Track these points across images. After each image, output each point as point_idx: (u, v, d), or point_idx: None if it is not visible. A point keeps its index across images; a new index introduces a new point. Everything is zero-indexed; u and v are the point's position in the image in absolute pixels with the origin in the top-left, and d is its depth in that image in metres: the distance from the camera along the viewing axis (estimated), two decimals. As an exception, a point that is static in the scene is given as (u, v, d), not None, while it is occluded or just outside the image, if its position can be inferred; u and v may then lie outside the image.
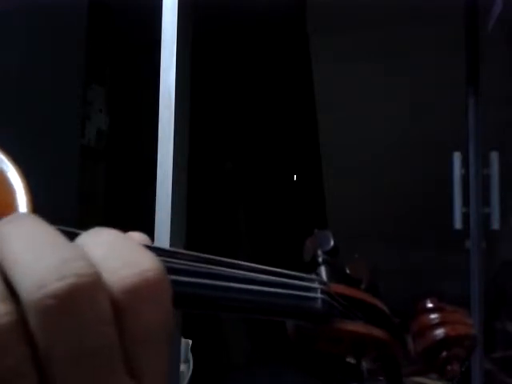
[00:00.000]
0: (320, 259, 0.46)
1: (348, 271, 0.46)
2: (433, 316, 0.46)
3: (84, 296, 0.22)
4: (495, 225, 1.60)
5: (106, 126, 2.63)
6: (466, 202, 1.61)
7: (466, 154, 1.63)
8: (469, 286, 1.58)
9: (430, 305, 0.46)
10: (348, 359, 0.44)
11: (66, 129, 1.94)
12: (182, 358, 1.94)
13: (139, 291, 0.23)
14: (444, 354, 0.45)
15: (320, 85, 2.60)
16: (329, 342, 0.42)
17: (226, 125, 3.22)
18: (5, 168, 0.35)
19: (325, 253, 0.46)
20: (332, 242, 0.47)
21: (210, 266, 0.34)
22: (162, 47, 1.23)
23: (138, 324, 0.23)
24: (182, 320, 1.22)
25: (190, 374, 2.03)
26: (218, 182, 3.27)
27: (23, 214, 0.27)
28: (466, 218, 1.61)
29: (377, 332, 0.43)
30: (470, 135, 1.62)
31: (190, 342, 2.02)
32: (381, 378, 0.45)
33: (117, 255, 0.24)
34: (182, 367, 1.96)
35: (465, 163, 1.63)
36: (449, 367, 0.45)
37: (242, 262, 0.36)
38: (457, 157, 1.63)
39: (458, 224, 1.61)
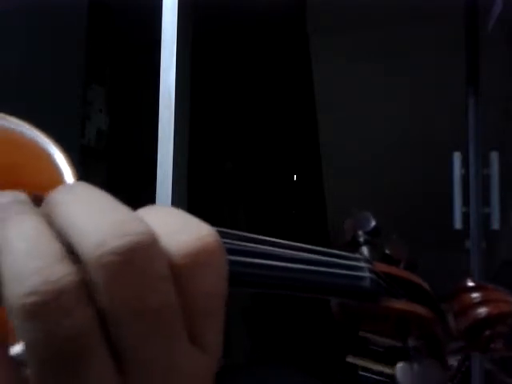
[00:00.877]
0: (361, 239, 0.47)
1: (388, 251, 0.46)
2: (475, 295, 0.46)
3: (144, 253, 0.22)
4: (495, 225, 1.60)
5: (105, 126, 2.63)
6: (466, 201, 1.61)
7: (466, 154, 1.63)
8: (469, 285, 1.58)
9: (470, 283, 0.46)
10: (389, 339, 0.44)
11: (66, 129, 1.94)
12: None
13: (198, 256, 0.23)
14: (487, 332, 0.45)
15: (320, 85, 2.60)
16: (374, 320, 0.42)
17: (226, 125, 3.22)
18: (51, 151, 0.35)
19: (366, 233, 0.47)
20: (373, 223, 0.47)
21: (256, 246, 0.34)
22: (162, 47, 1.23)
23: (198, 289, 0.24)
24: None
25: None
26: (218, 181, 3.27)
27: (77, 182, 0.27)
28: (466, 218, 1.61)
29: (421, 310, 0.43)
30: (470, 135, 1.62)
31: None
32: (425, 357, 0.45)
33: (173, 221, 0.24)
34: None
35: (465, 163, 1.63)
36: (492, 345, 0.45)
37: (291, 242, 0.37)
38: (457, 157, 1.63)
39: (457, 224, 1.61)
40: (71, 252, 0.22)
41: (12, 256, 0.22)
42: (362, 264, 0.40)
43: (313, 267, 0.37)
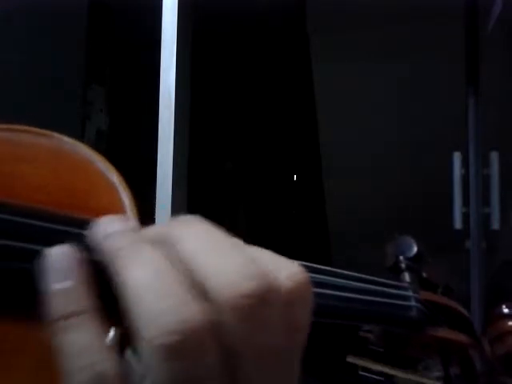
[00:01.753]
0: (403, 265, 0.47)
1: (425, 276, 0.46)
2: (511, 323, 0.46)
3: (270, 295, 0.23)
4: (495, 225, 1.60)
5: (105, 126, 2.63)
6: (466, 201, 1.61)
7: (466, 154, 1.63)
8: (469, 285, 1.58)
9: (506, 310, 0.46)
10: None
11: (65, 129, 1.94)
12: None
13: (297, 292, 0.25)
14: None
15: (320, 85, 2.60)
16: (418, 348, 0.43)
17: (226, 125, 3.22)
18: (108, 172, 0.37)
19: (408, 259, 0.46)
20: (415, 248, 0.47)
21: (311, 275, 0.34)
22: (162, 47, 1.23)
23: (296, 323, 0.25)
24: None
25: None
26: (218, 181, 3.27)
27: (191, 216, 0.27)
28: (466, 218, 1.61)
29: (461, 337, 0.44)
30: (470, 135, 1.62)
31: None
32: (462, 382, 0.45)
33: (272, 259, 0.26)
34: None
35: (465, 163, 1.63)
36: None
37: (341, 270, 0.37)
38: (457, 157, 1.63)
39: (457, 224, 1.61)
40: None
41: (139, 291, 0.22)
42: (410, 293, 0.41)
43: (368, 297, 0.37)
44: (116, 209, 0.34)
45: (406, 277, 0.46)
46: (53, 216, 0.28)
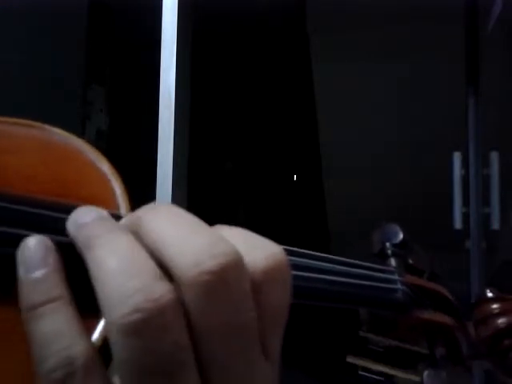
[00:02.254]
0: (389, 251, 0.48)
1: (411, 262, 0.47)
2: (495, 305, 0.47)
3: (234, 273, 0.23)
4: (495, 225, 1.60)
5: (105, 126, 2.63)
6: (466, 201, 1.61)
7: (466, 154, 1.63)
8: (469, 285, 1.58)
9: (490, 294, 0.47)
10: (417, 347, 0.46)
11: (66, 129, 1.94)
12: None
13: (273, 272, 0.25)
14: (507, 341, 0.46)
15: (320, 85, 2.60)
16: (404, 330, 0.44)
17: (226, 125, 3.22)
18: (99, 163, 0.37)
19: (394, 245, 0.48)
20: (401, 235, 0.48)
21: (294, 258, 0.34)
22: (162, 47, 1.23)
23: (272, 302, 0.25)
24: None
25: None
26: (218, 181, 3.27)
27: (161, 203, 0.28)
28: (466, 218, 1.61)
29: (446, 319, 0.45)
30: (470, 135, 1.62)
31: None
32: (452, 366, 0.46)
33: (247, 240, 0.26)
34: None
35: (465, 163, 1.63)
36: (511, 354, 0.46)
37: (326, 255, 0.38)
38: (457, 157, 1.63)
39: (457, 224, 1.61)
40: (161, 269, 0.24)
41: (108, 275, 0.23)
42: (396, 277, 0.42)
43: (354, 280, 0.39)
44: (107, 199, 0.35)
45: (392, 262, 0.47)
46: (42, 203, 0.29)
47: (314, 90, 2.62)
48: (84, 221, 0.26)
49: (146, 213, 0.26)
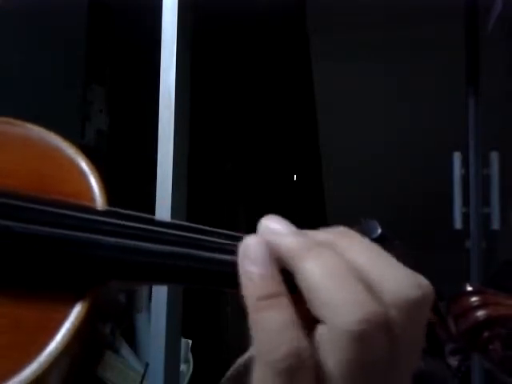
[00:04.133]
0: None
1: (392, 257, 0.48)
2: (474, 298, 0.47)
3: (427, 303, 0.29)
4: (495, 225, 1.60)
5: (106, 126, 2.63)
6: (466, 201, 1.61)
7: (466, 154, 1.63)
8: (469, 286, 1.58)
9: (469, 288, 0.48)
10: None
11: (65, 129, 1.94)
12: (182, 357, 1.94)
13: (429, 300, 0.30)
14: (486, 334, 0.46)
15: (320, 85, 2.60)
16: None
17: (226, 125, 3.22)
18: (77, 160, 0.38)
19: (372, 240, 0.48)
20: (380, 230, 0.49)
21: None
22: (162, 47, 1.23)
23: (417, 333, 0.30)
24: (182, 320, 1.22)
25: (189, 373, 2.03)
26: (218, 181, 3.27)
27: (345, 228, 0.32)
28: (466, 218, 1.61)
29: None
30: (470, 135, 1.62)
31: (190, 342, 2.02)
32: (427, 357, 0.47)
33: (411, 273, 0.30)
34: (182, 367, 1.95)
35: (465, 163, 1.63)
36: (491, 346, 0.46)
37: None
38: (457, 157, 1.63)
39: (458, 224, 1.61)
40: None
41: (330, 286, 0.27)
42: None
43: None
44: (84, 194, 0.36)
45: None
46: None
47: (314, 90, 2.62)
48: (283, 230, 0.29)
49: (339, 236, 0.30)
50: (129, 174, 2.80)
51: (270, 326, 0.26)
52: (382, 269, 0.28)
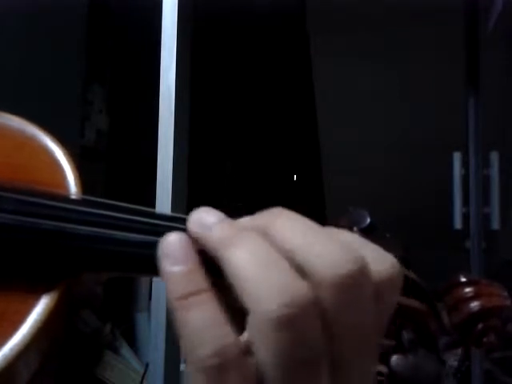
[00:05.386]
0: None
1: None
2: (467, 289, 0.46)
3: (364, 277, 0.26)
4: (495, 225, 1.60)
5: (105, 125, 2.63)
6: (465, 201, 1.61)
7: (466, 154, 1.63)
8: (469, 285, 1.58)
9: (463, 279, 0.47)
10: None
11: (66, 129, 1.94)
12: (182, 358, 1.94)
13: (392, 282, 0.27)
14: (480, 325, 0.45)
15: (320, 85, 2.60)
16: None
17: (227, 125, 3.22)
18: (51, 148, 0.37)
19: (361, 230, 0.47)
20: (368, 219, 0.48)
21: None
22: (162, 47, 1.23)
23: (386, 309, 0.28)
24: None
25: (190, 373, 2.02)
26: (218, 181, 3.27)
27: (279, 208, 0.30)
28: (466, 218, 1.61)
29: (416, 304, 0.45)
30: (469, 135, 1.62)
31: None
32: (420, 349, 0.46)
33: (370, 248, 0.28)
34: (182, 367, 1.95)
35: (465, 163, 1.63)
36: (485, 339, 0.45)
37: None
38: (457, 157, 1.63)
39: (458, 224, 1.61)
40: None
41: (251, 272, 0.25)
42: None
43: None
44: (59, 183, 0.36)
45: None
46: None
47: (313, 90, 2.62)
48: (210, 221, 0.28)
49: (270, 218, 0.28)
50: (129, 174, 2.80)
51: (192, 326, 0.25)
52: (314, 246, 0.26)
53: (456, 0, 1.75)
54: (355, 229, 0.47)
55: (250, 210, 0.31)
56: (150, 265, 0.30)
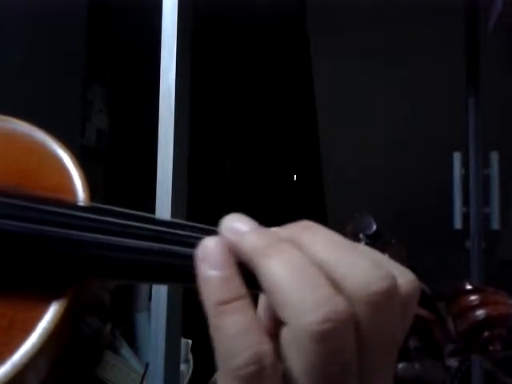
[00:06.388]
0: (363, 243, 0.47)
1: (387, 254, 0.47)
2: (473, 297, 0.46)
3: (395, 293, 0.27)
4: (495, 225, 1.60)
5: (106, 125, 2.63)
6: (465, 201, 1.61)
7: (466, 154, 1.63)
8: (469, 285, 1.58)
9: (469, 286, 0.47)
10: None
11: (66, 129, 1.94)
12: (182, 357, 1.94)
13: (413, 296, 0.29)
14: (486, 334, 0.45)
15: (320, 85, 2.60)
16: None
17: (227, 125, 3.22)
18: (60, 154, 0.37)
19: (367, 236, 0.47)
20: (374, 226, 0.48)
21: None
22: (162, 47, 1.23)
23: (408, 322, 0.29)
24: (182, 320, 1.22)
25: (189, 373, 2.02)
26: (218, 181, 3.27)
27: (310, 221, 0.30)
28: (465, 218, 1.61)
29: (422, 312, 0.45)
30: (470, 135, 1.62)
31: (190, 342, 2.02)
32: (426, 357, 0.46)
33: (393, 264, 0.29)
34: (182, 367, 1.95)
35: (465, 163, 1.63)
36: (491, 347, 0.45)
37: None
38: (457, 157, 1.63)
39: (457, 224, 1.61)
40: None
41: (290, 284, 0.25)
42: None
43: None
44: (66, 189, 0.36)
45: None
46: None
47: (314, 90, 2.62)
48: (244, 229, 0.28)
49: (303, 231, 0.29)
50: (129, 174, 2.80)
51: (229, 332, 0.25)
52: (346, 261, 0.26)
53: (456, 0, 1.75)
54: (361, 235, 0.47)
55: (250, 210, 0.30)
56: (156, 272, 0.30)
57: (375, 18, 2.26)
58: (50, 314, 0.30)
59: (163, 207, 1.15)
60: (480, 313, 0.45)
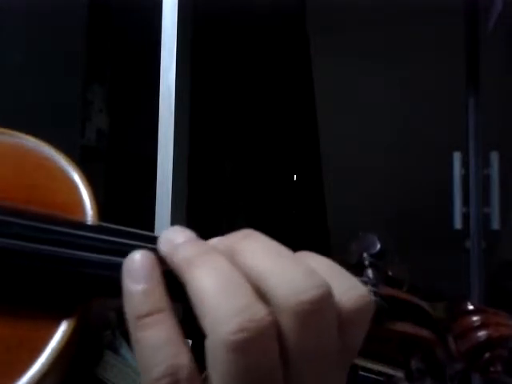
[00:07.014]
0: (367, 262, 0.47)
1: (391, 273, 0.47)
2: (475, 318, 0.46)
3: (326, 304, 0.25)
4: (495, 225, 1.60)
5: (106, 125, 2.63)
6: (465, 201, 1.61)
7: (466, 154, 1.63)
8: (469, 286, 1.58)
9: (470, 307, 0.47)
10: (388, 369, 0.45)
11: (66, 129, 1.94)
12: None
13: (359, 314, 0.27)
14: (487, 355, 0.45)
15: (320, 85, 2.60)
16: (378, 342, 0.43)
17: (226, 125, 3.22)
18: (69, 170, 0.37)
19: (371, 256, 0.47)
20: (379, 246, 0.47)
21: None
22: (162, 47, 1.23)
23: (351, 340, 0.27)
24: (182, 320, 1.22)
25: (189, 373, 2.02)
26: (218, 181, 3.27)
27: (250, 230, 0.30)
28: (465, 218, 1.61)
29: (424, 332, 0.44)
30: (469, 135, 1.62)
31: (190, 342, 2.02)
32: (428, 378, 0.46)
33: (340, 276, 0.28)
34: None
35: (465, 163, 1.63)
36: (492, 368, 0.45)
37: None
38: (457, 157, 1.63)
39: (458, 224, 1.61)
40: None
41: (210, 293, 0.25)
42: (369, 288, 0.41)
43: None
44: (75, 206, 0.36)
45: (369, 273, 0.46)
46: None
47: (314, 90, 2.62)
48: (179, 241, 0.28)
49: (239, 240, 0.28)
50: (129, 174, 2.80)
51: (147, 345, 0.25)
52: (277, 270, 0.26)
53: (456, 0, 1.75)
54: (365, 254, 0.47)
55: (250, 210, 0.30)
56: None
57: (375, 18, 2.26)
58: (59, 333, 0.30)
59: (163, 207, 1.15)
60: (482, 334, 0.45)
